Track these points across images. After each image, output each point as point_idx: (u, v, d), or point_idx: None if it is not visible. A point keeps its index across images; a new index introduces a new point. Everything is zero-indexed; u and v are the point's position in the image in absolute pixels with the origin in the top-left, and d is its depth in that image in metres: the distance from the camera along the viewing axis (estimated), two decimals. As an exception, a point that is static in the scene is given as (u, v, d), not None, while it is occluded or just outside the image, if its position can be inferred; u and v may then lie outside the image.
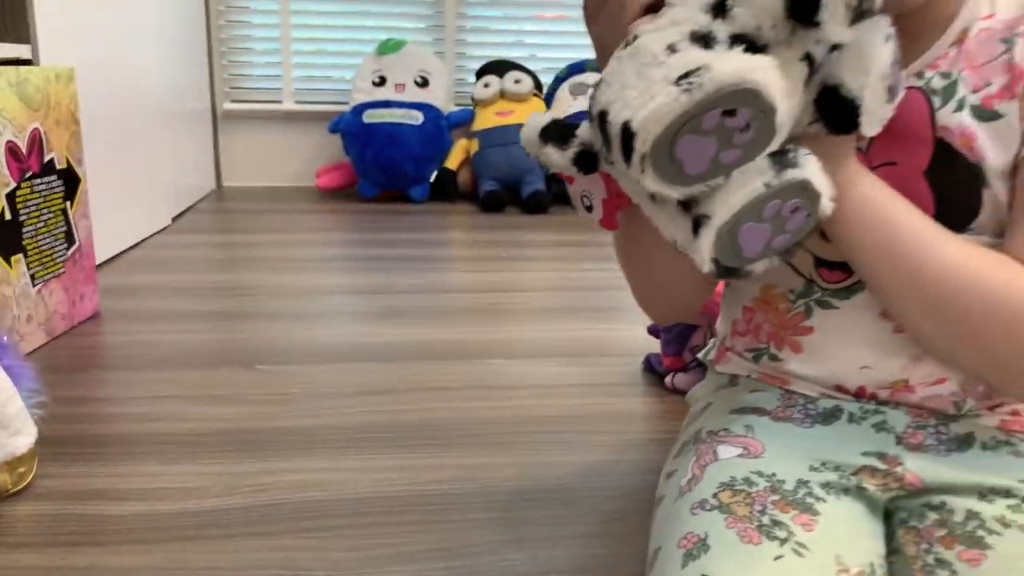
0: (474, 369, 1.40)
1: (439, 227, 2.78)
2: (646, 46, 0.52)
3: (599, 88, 0.54)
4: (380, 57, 3.16)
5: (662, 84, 0.49)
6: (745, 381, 0.82)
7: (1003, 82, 0.63)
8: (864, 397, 0.73)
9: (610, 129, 0.51)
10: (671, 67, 0.49)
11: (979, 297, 0.60)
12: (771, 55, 0.51)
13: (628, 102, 0.50)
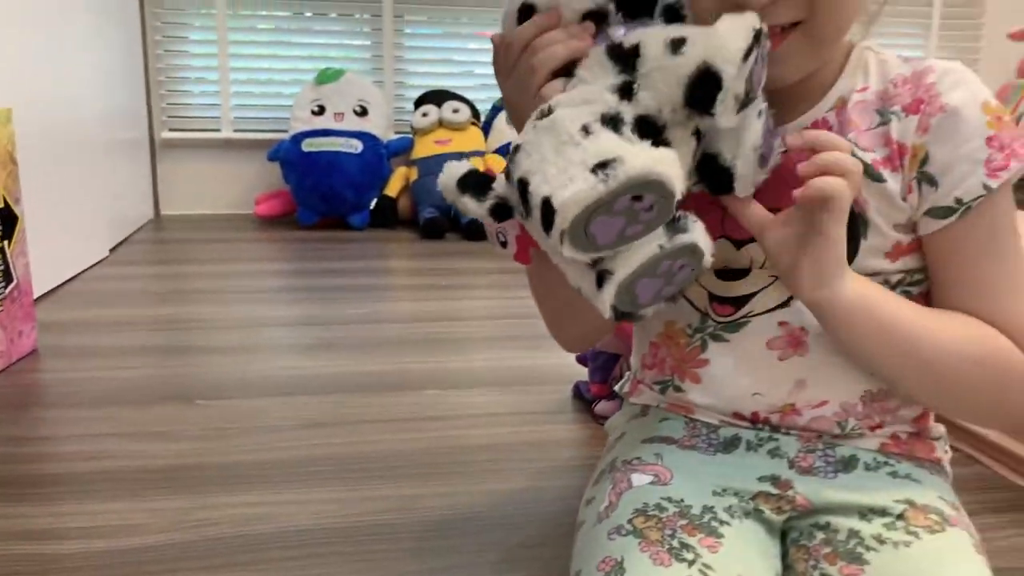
0: (410, 400, 1.45)
1: (379, 255, 2.82)
2: (562, 123, 0.59)
3: (518, 154, 0.61)
4: (319, 86, 3.20)
5: (580, 168, 0.55)
6: (655, 411, 0.88)
7: (884, 153, 0.71)
8: (759, 422, 0.80)
9: (531, 199, 0.58)
10: (587, 151, 0.56)
11: (976, 364, 0.70)
12: (668, 133, 0.60)
13: (548, 178, 0.57)
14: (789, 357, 0.76)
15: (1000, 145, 0.68)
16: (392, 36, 3.37)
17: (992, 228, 0.70)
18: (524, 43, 0.67)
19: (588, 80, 0.63)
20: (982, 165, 0.67)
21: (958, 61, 0.71)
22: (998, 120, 0.69)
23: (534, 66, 0.65)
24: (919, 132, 0.69)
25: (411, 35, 3.44)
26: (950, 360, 0.69)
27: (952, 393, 0.72)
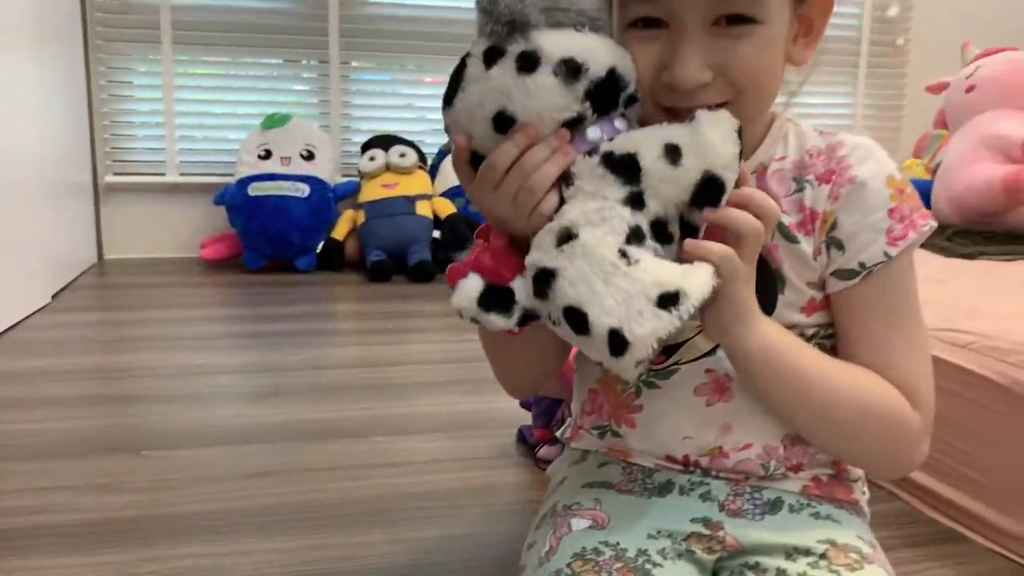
0: (356, 447, 1.47)
1: (326, 298, 2.83)
2: (597, 249, 0.64)
3: (557, 281, 0.65)
4: (266, 131, 3.22)
5: (644, 301, 0.62)
6: (594, 456, 0.92)
7: (798, 218, 0.77)
8: (690, 465, 0.85)
9: (593, 329, 0.63)
10: (641, 283, 0.63)
11: (868, 415, 0.75)
12: (671, 226, 0.68)
13: (608, 310, 0.63)
14: (715, 403, 0.81)
15: (900, 216, 0.74)
16: (339, 81, 3.41)
17: (891, 291, 0.76)
18: (510, 163, 0.67)
19: (590, 192, 0.67)
20: (884, 234, 0.74)
21: (868, 136, 0.78)
22: (900, 193, 0.75)
23: (531, 187, 0.67)
24: (830, 200, 0.76)
25: (358, 80, 3.48)
26: (844, 410, 0.75)
27: (845, 441, 0.77)
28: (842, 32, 3.85)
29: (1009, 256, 1.88)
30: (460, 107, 0.69)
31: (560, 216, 0.67)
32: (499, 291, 0.68)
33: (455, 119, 0.70)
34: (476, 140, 0.69)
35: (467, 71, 0.68)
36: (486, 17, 0.67)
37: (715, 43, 0.69)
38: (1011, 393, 1.13)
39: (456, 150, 0.71)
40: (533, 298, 0.68)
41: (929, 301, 1.38)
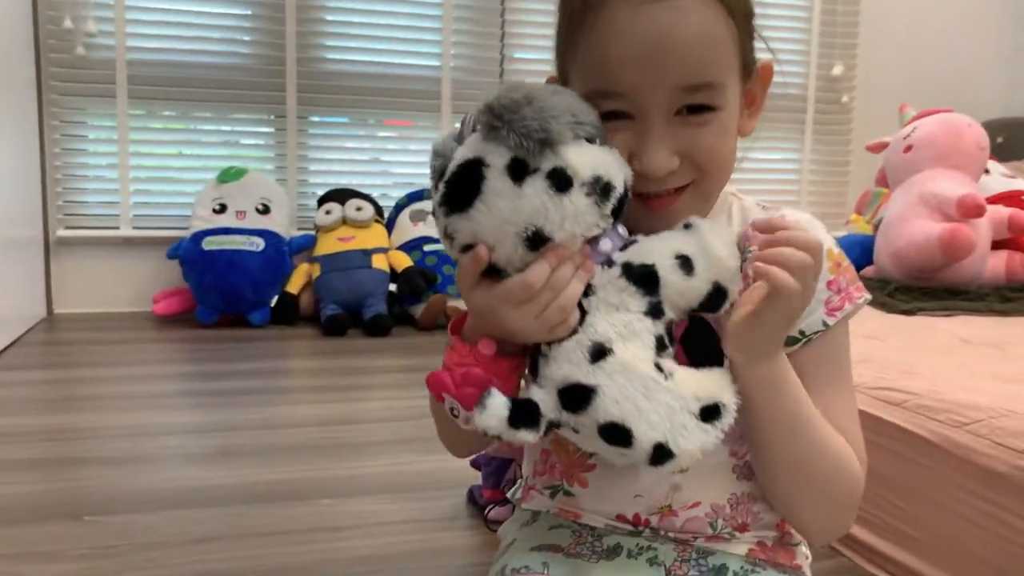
0: (307, 510, 1.46)
1: (280, 354, 2.82)
2: (635, 365, 0.67)
3: (598, 398, 0.66)
4: (221, 185, 3.23)
5: (687, 416, 0.66)
6: (545, 517, 0.93)
7: (741, 287, 0.77)
8: (640, 524, 0.86)
9: (636, 444, 0.66)
10: (681, 397, 0.66)
11: (840, 470, 0.76)
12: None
13: (653, 424, 0.66)
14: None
15: (838, 288, 0.79)
16: (296, 135, 3.44)
17: (829, 357, 0.80)
18: (544, 281, 0.68)
19: (614, 304, 0.69)
20: (823, 304, 0.78)
21: (808, 214, 0.82)
22: (837, 266, 0.80)
23: (562, 306, 0.69)
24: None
25: (315, 135, 3.51)
26: (823, 460, 0.76)
27: (811, 492, 0.77)
28: (789, 90, 3.97)
29: (947, 312, 1.94)
30: (485, 220, 0.67)
31: (588, 329, 0.68)
32: (525, 407, 0.68)
33: (477, 230, 0.68)
34: (498, 254, 0.69)
35: (489, 183, 0.67)
36: (501, 125, 0.66)
37: (680, 131, 0.72)
38: (942, 451, 1.17)
39: (473, 260, 0.69)
40: (561, 411, 0.68)
41: (866, 359, 1.44)
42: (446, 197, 0.69)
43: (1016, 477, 1.07)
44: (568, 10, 0.76)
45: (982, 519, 1.11)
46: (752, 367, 0.72)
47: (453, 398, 0.71)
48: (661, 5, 0.70)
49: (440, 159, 0.72)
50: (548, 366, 0.70)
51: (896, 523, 1.24)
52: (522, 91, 0.67)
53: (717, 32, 0.72)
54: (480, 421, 0.67)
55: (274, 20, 3.36)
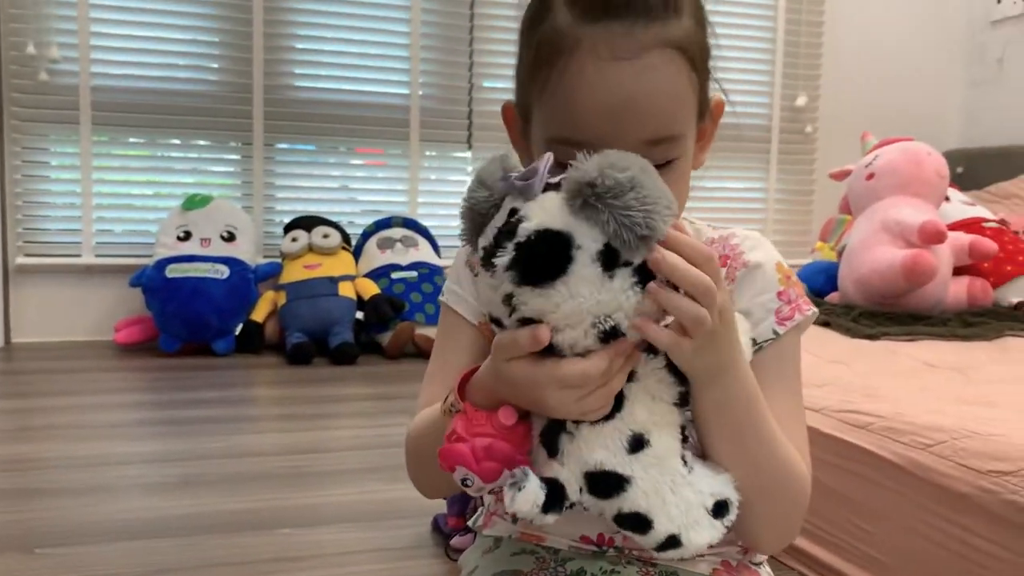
0: (268, 540, 1.43)
1: (244, 382, 2.78)
2: (668, 461, 0.67)
3: (631, 489, 0.66)
4: (186, 212, 3.19)
5: (701, 511, 0.67)
6: (507, 543, 0.91)
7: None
8: (604, 544, 0.84)
9: (652, 535, 0.67)
10: (700, 492, 0.68)
11: (781, 471, 0.75)
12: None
13: (672, 517, 0.66)
14: None
15: (788, 299, 0.80)
16: (262, 162, 3.42)
17: (780, 367, 0.80)
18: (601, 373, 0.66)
19: (652, 393, 0.69)
20: (773, 314, 0.79)
21: (756, 232, 0.83)
22: (788, 279, 0.81)
23: (607, 395, 0.67)
24: (726, 282, 0.78)
25: (282, 161, 3.49)
26: (775, 466, 0.75)
27: (762, 495, 0.75)
28: (754, 120, 4.03)
29: (910, 336, 1.96)
30: (563, 303, 0.63)
31: (627, 418, 0.67)
32: (554, 489, 0.66)
33: (549, 310, 0.63)
34: (563, 337, 0.65)
35: (576, 266, 0.62)
36: (603, 208, 0.61)
37: None
38: (906, 473, 1.17)
39: (533, 340, 0.64)
40: (584, 494, 0.68)
41: (831, 383, 1.44)
42: (520, 264, 0.63)
43: (979, 498, 1.07)
44: (535, 45, 0.75)
45: (947, 541, 1.11)
46: (699, 386, 0.71)
47: (473, 473, 0.67)
48: (628, 63, 0.70)
49: (485, 192, 0.67)
50: (577, 446, 0.68)
51: (863, 546, 1.23)
52: (627, 172, 0.62)
53: (681, 87, 0.73)
54: (516, 504, 0.64)
55: (241, 47, 3.35)
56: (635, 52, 0.71)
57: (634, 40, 0.71)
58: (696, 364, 0.69)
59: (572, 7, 0.72)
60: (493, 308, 0.68)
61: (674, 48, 0.73)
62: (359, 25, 3.47)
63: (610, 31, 0.71)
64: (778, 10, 4.00)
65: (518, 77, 0.79)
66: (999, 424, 1.15)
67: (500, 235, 0.65)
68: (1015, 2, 3.96)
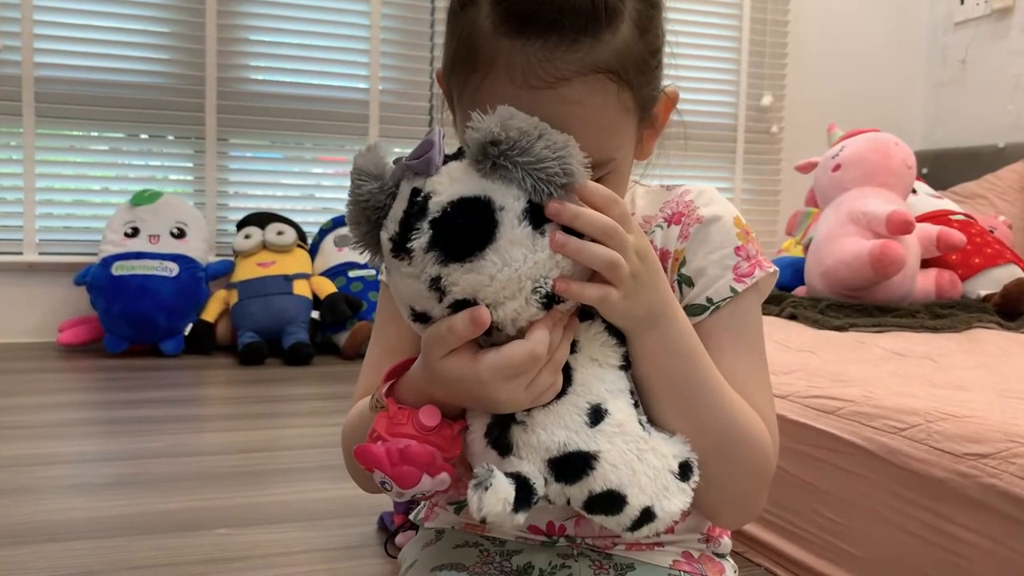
0: (200, 541, 1.33)
1: (192, 383, 2.67)
2: (630, 425, 0.63)
3: (600, 466, 0.61)
4: (134, 208, 3.07)
5: (668, 476, 0.63)
6: (450, 535, 0.84)
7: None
8: (554, 533, 0.77)
9: (627, 510, 0.61)
10: (664, 456, 0.63)
11: (737, 435, 0.69)
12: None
13: (643, 487, 0.62)
14: None
15: (747, 255, 0.74)
16: (215, 158, 3.31)
17: (739, 327, 0.74)
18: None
19: (597, 359, 0.65)
20: (731, 270, 0.73)
21: (711, 186, 0.78)
22: (746, 234, 0.75)
23: (555, 371, 0.62)
24: (680, 240, 0.75)
25: (236, 157, 3.38)
26: (728, 427, 0.69)
27: (716, 464, 0.69)
28: (720, 120, 4.00)
29: (878, 328, 1.91)
30: (498, 273, 0.57)
31: (580, 390, 0.63)
32: (522, 486, 0.60)
33: (483, 284, 0.58)
34: (503, 312, 0.59)
35: (504, 229, 0.57)
36: (511, 165, 0.58)
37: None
38: (878, 459, 1.10)
39: (474, 324, 0.59)
40: (551, 483, 0.62)
41: (799, 369, 1.37)
42: (440, 242, 0.58)
43: (956, 483, 1.01)
44: (456, 39, 0.69)
45: (922, 530, 1.05)
46: (636, 337, 0.66)
47: (388, 477, 0.61)
48: (545, 94, 0.63)
49: (376, 182, 0.61)
50: (531, 433, 0.62)
51: (833, 540, 1.16)
52: (528, 121, 0.58)
53: (607, 118, 0.66)
54: (485, 507, 0.58)
55: (194, 38, 3.24)
56: (552, 81, 0.62)
57: (553, 66, 0.62)
58: (628, 313, 0.64)
59: (497, 9, 0.64)
60: (416, 301, 0.61)
61: (601, 72, 0.64)
62: (317, 17, 3.38)
63: (528, 52, 0.63)
64: (743, 9, 3.98)
65: (445, 52, 0.72)
66: (974, 406, 1.09)
67: (409, 218, 0.59)
68: (978, 3, 3.96)
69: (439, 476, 0.63)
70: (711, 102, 3.99)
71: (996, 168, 3.60)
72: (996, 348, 1.72)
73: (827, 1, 4.09)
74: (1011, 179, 3.54)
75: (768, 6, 4.01)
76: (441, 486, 0.64)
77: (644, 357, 0.66)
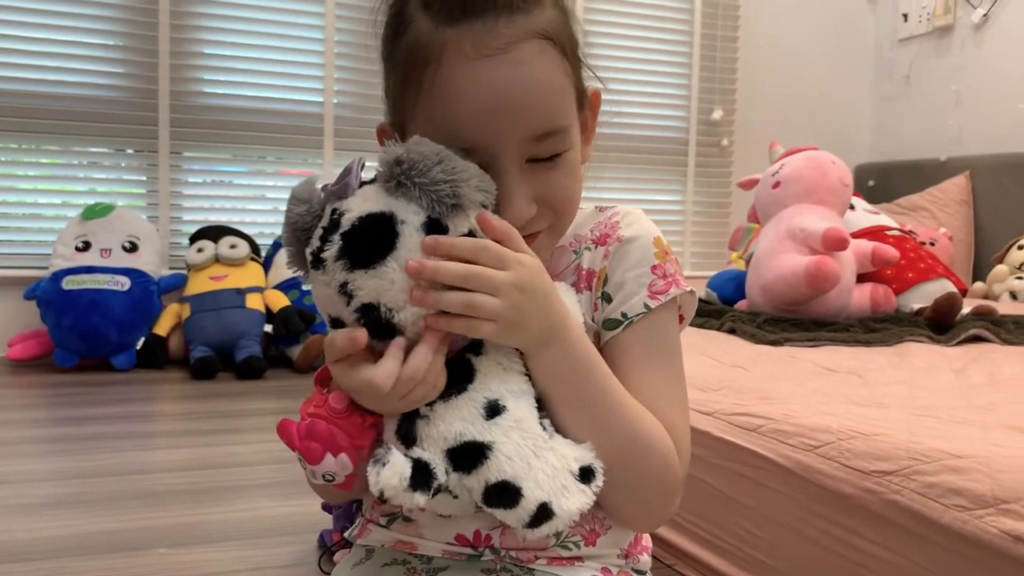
0: (139, 561, 1.34)
1: (143, 398, 2.66)
2: (527, 423, 0.66)
3: (493, 456, 0.64)
4: (86, 222, 3.06)
5: (567, 476, 0.66)
6: (380, 553, 0.86)
7: (572, 280, 0.80)
8: (480, 544, 0.79)
9: (523, 503, 0.64)
10: (564, 456, 0.66)
11: (644, 446, 0.73)
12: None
13: (540, 483, 0.65)
14: None
15: (664, 274, 0.78)
16: (168, 170, 3.30)
17: (653, 343, 0.78)
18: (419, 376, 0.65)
19: (501, 362, 0.69)
20: (646, 288, 0.77)
21: (639, 208, 0.83)
22: (665, 254, 0.79)
23: (433, 381, 0.66)
24: (603, 259, 0.79)
25: (190, 170, 3.38)
26: (630, 439, 0.72)
27: (616, 470, 0.72)
28: (671, 134, 4.06)
29: (813, 342, 1.97)
30: (398, 278, 0.64)
31: (480, 387, 0.67)
32: (421, 468, 0.64)
33: (385, 289, 0.64)
34: (404, 315, 0.65)
35: (404, 239, 0.64)
36: (411, 184, 0.64)
37: (533, 178, 0.72)
38: (793, 474, 1.15)
39: (351, 342, 0.65)
40: (449, 473, 0.66)
41: (726, 387, 1.42)
42: (348, 251, 0.65)
43: (863, 499, 1.06)
44: (400, 60, 0.73)
45: (834, 544, 1.10)
46: (530, 354, 0.70)
47: (297, 451, 0.67)
48: (498, 59, 0.68)
49: (304, 206, 0.68)
50: (433, 426, 0.67)
51: (753, 552, 1.21)
52: (431, 147, 0.65)
53: (557, 77, 0.71)
54: (381, 480, 0.63)
55: (147, 51, 3.23)
56: (503, 46, 0.68)
57: (500, 35, 0.68)
58: (512, 340, 0.68)
59: (430, 12, 0.70)
60: (330, 306, 0.68)
61: (543, 38, 0.70)
62: (271, 31, 3.39)
63: (473, 30, 0.68)
64: (694, 25, 4.05)
65: (388, 97, 0.77)
66: (884, 424, 1.14)
67: (325, 232, 0.66)
68: (920, 21, 4.08)
69: (340, 456, 0.67)
70: (663, 116, 4.06)
71: (939, 181, 3.71)
72: (923, 362, 1.78)
73: (776, 17, 4.18)
74: (952, 192, 3.65)
75: (718, 22, 4.09)
76: (345, 469, 0.68)
77: (540, 371, 0.70)
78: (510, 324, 0.66)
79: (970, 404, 1.30)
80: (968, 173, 3.65)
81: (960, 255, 3.50)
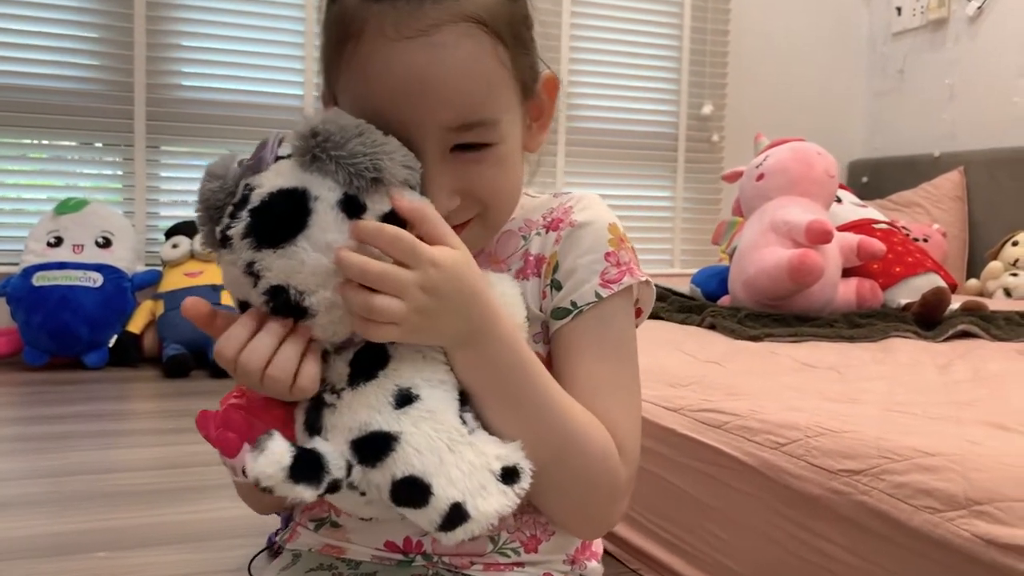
0: (76, 566, 1.28)
1: (114, 396, 2.60)
2: (443, 415, 0.62)
3: (400, 448, 0.60)
4: (58, 217, 2.99)
5: (487, 475, 0.61)
6: (306, 558, 0.81)
7: (519, 266, 0.75)
8: (411, 550, 0.75)
9: (433, 501, 0.59)
10: (484, 454, 0.62)
11: (577, 444, 0.68)
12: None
13: (454, 481, 0.60)
14: None
15: (617, 262, 0.73)
16: (145, 165, 3.23)
17: (602, 334, 0.73)
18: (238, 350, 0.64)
19: (420, 351, 0.64)
20: (598, 275, 0.73)
21: (596, 194, 0.79)
22: (620, 241, 0.75)
23: (283, 365, 0.63)
24: (555, 244, 0.75)
25: (167, 164, 3.32)
26: (564, 438, 0.68)
27: (547, 471, 0.67)
28: (661, 129, 4.00)
29: (795, 338, 1.90)
30: (308, 259, 0.59)
31: (392, 375, 0.63)
32: (309, 457, 0.59)
33: (295, 270, 0.60)
34: (316, 299, 0.61)
35: (317, 217, 0.60)
36: (327, 158, 0.60)
37: (457, 168, 0.68)
38: (759, 474, 1.08)
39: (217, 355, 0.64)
40: (353, 467, 0.61)
41: (696, 382, 1.36)
42: (255, 228, 0.60)
43: (829, 500, 0.99)
44: (328, 31, 0.69)
45: (800, 548, 1.03)
46: (449, 352, 0.65)
47: (212, 443, 0.63)
48: (418, 42, 0.64)
49: (217, 182, 0.64)
50: (339, 415, 0.62)
51: (717, 555, 1.15)
52: (350, 120, 0.61)
53: (484, 66, 0.66)
54: (256, 467, 0.57)
55: (122, 44, 3.17)
56: (425, 28, 0.64)
57: (424, 16, 0.64)
58: (423, 340, 0.63)
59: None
60: (236, 288, 0.64)
61: (474, 21, 0.65)
62: (250, 23, 3.32)
63: (397, 9, 0.64)
64: (684, 19, 3.99)
65: (322, 63, 0.73)
66: (855, 420, 1.08)
67: (234, 209, 0.62)
68: (914, 14, 4.01)
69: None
70: (652, 111, 3.99)
71: (932, 177, 3.64)
72: (908, 358, 1.71)
73: (768, 11, 4.12)
74: (946, 187, 3.58)
75: (708, 15, 4.02)
76: None
77: (462, 368, 0.65)
78: (414, 328, 0.61)
79: (949, 400, 1.24)
80: (962, 168, 3.58)
81: (954, 251, 3.43)
